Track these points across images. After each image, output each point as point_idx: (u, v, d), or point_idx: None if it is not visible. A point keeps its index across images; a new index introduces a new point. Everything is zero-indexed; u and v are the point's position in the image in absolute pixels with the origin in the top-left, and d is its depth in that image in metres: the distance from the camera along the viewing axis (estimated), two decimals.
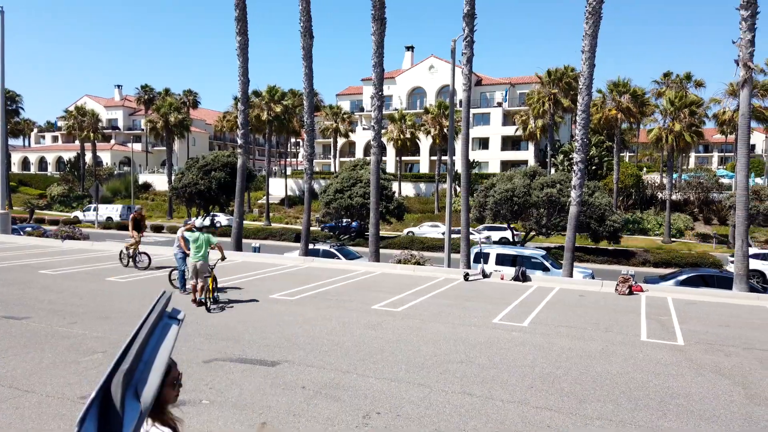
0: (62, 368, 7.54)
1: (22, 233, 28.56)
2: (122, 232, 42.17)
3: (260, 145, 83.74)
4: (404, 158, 61.59)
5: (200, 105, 71.02)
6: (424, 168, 65.02)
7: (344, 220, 38.84)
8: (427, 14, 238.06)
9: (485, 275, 17.66)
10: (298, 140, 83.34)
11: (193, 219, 15.57)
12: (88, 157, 66.86)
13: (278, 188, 61.38)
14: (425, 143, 60.69)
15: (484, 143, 63.43)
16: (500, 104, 63.24)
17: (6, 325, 9.76)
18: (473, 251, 20.16)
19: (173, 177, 49.44)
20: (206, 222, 42.47)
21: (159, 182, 66.54)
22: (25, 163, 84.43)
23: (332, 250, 22.09)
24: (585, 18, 17.77)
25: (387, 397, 6.82)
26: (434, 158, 57.82)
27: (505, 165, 59.32)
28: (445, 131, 49.54)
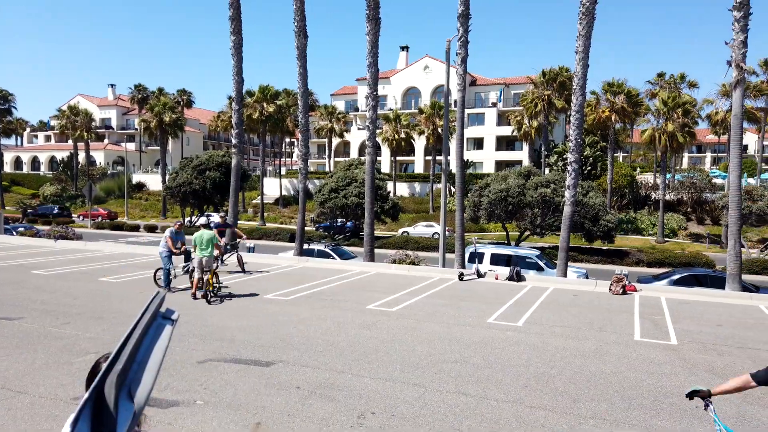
0: (55, 369, 7.50)
1: (15, 233, 28.39)
2: (115, 233, 41.99)
3: (255, 145, 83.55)
4: (399, 158, 61.61)
5: (194, 104, 70.76)
6: (419, 168, 65.06)
7: (339, 220, 38.82)
8: (422, 14, 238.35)
9: (480, 275, 17.69)
10: (293, 140, 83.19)
11: (181, 221, 15.61)
12: (81, 157, 66.52)
13: (273, 188, 61.28)
14: (420, 143, 60.74)
15: (479, 143, 63.53)
16: (495, 104, 63.37)
17: None
18: (468, 251, 20.19)
19: (167, 177, 49.29)
20: (201, 221, 42.33)
21: (153, 182, 66.30)
22: (18, 163, 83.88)
23: (327, 250, 22.08)
24: (578, 19, 17.80)
25: (382, 397, 6.82)
26: (429, 158, 57.86)
27: (500, 165, 59.43)
28: (440, 131, 49.59)
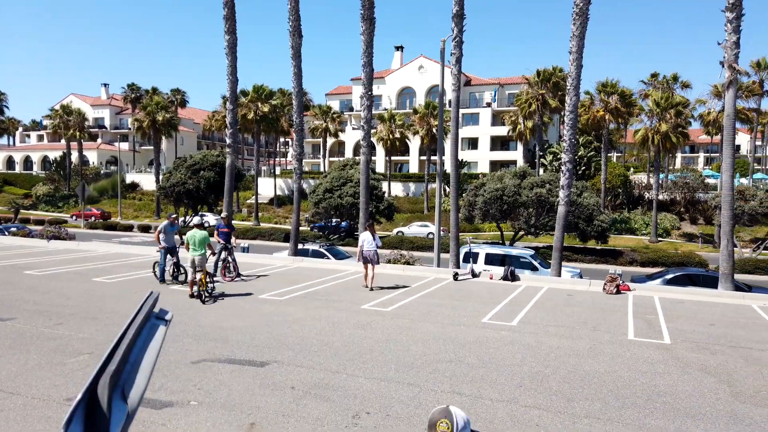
0: (48, 370, 7.46)
1: (7, 233, 28.19)
2: (108, 233, 41.81)
3: (249, 145, 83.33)
4: (394, 158, 61.63)
5: (188, 104, 70.58)
6: (414, 168, 65.10)
7: (334, 220, 38.78)
8: (417, 14, 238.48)
9: (474, 275, 17.71)
10: (287, 140, 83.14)
11: (175, 214, 16.40)
12: (74, 157, 66.15)
13: (267, 188, 61.14)
14: (415, 143, 60.76)
15: (474, 143, 63.64)
16: (489, 104, 63.49)
17: None
18: (463, 251, 20.22)
19: (161, 176, 49.10)
20: (195, 221, 42.20)
21: (146, 182, 66.02)
22: (10, 162, 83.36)
23: (322, 250, 22.06)
24: (572, 19, 17.85)
25: (377, 397, 6.81)
26: (424, 158, 57.92)
27: (494, 165, 59.56)
28: (435, 131, 49.62)
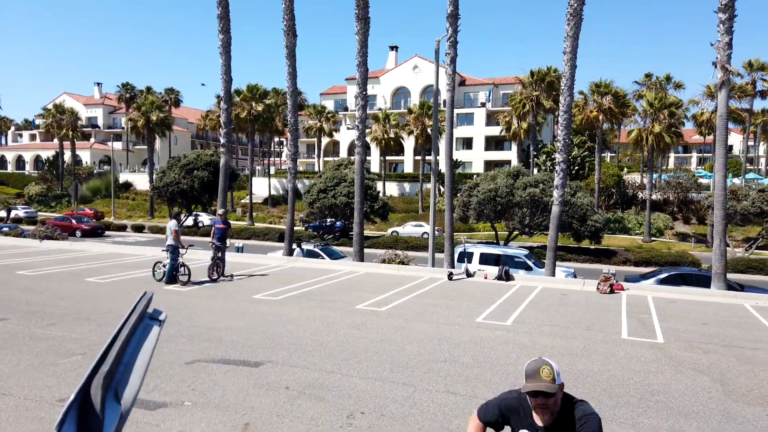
0: (40, 370, 7.41)
1: None
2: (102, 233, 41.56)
3: (243, 144, 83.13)
4: (388, 158, 61.63)
5: (182, 103, 70.28)
6: (409, 168, 65.13)
7: (328, 220, 38.76)
8: (412, 14, 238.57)
9: (469, 275, 17.74)
10: (282, 139, 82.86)
11: (178, 211, 15.87)
12: (67, 156, 65.77)
13: (262, 188, 61.01)
14: (409, 143, 60.81)
15: (468, 143, 63.75)
16: (484, 104, 63.62)
17: None
18: (457, 251, 20.25)
19: (155, 176, 48.85)
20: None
21: (140, 181, 65.71)
22: (2, 162, 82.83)
23: (316, 250, 22.05)
24: (566, 20, 17.90)
25: (371, 397, 6.81)
26: (418, 158, 57.97)
27: (489, 165, 59.68)
28: (429, 131, 49.67)
